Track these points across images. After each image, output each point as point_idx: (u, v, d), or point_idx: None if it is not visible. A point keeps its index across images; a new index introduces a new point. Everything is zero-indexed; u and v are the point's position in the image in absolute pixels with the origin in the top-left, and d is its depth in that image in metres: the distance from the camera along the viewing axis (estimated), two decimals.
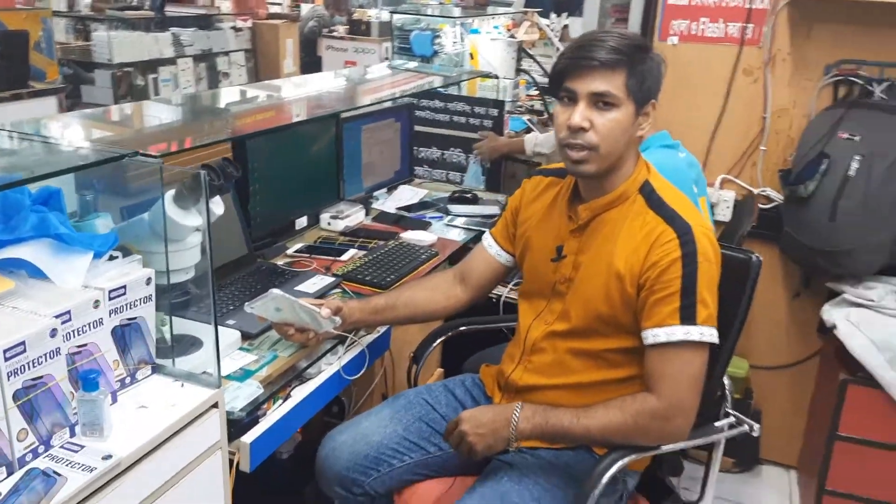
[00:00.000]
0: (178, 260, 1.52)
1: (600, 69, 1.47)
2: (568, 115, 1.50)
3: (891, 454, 2.35)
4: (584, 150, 1.50)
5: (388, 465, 1.70)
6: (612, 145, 1.51)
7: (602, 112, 1.49)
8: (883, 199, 2.24)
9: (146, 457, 1.27)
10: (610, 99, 1.48)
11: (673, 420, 1.50)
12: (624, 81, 1.48)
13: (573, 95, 1.50)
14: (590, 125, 1.49)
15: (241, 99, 2.52)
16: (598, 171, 1.53)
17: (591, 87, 1.48)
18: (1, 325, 1.14)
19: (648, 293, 1.50)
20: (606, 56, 1.46)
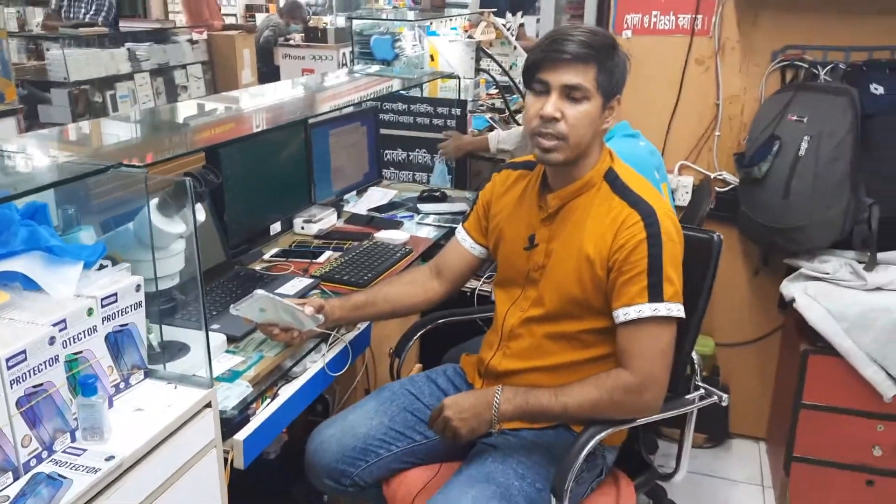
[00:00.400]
0: (163, 267, 1.56)
1: (573, 63, 1.55)
2: (540, 105, 1.58)
3: (852, 418, 2.46)
4: (554, 139, 1.58)
5: (375, 455, 1.77)
6: (581, 136, 1.59)
7: (573, 104, 1.57)
8: (831, 176, 2.35)
9: (146, 457, 1.31)
10: (581, 92, 1.56)
11: (645, 393, 1.58)
12: (595, 76, 1.56)
13: (546, 87, 1.57)
14: (561, 116, 1.56)
15: (207, 111, 2.57)
16: (565, 159, 1.61)
17: (564, 80, 1.55)
18: (1, 336, 1.18)
19: (617, 274, 1.58)
20: (579, 50, 1.54)
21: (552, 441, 1.70)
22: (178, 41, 6.85)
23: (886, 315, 2.31)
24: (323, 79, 3.52)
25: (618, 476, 1.81)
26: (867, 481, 2.50)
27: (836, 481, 2.53)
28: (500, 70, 4.16)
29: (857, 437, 2.47)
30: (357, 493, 1.82)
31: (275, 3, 9.64)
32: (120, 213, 1.62)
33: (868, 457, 2.48)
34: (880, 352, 2.34)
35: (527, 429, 1.71)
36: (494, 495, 1.55)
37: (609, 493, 1.76)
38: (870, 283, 2.37)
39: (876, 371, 2.36)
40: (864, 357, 2.36)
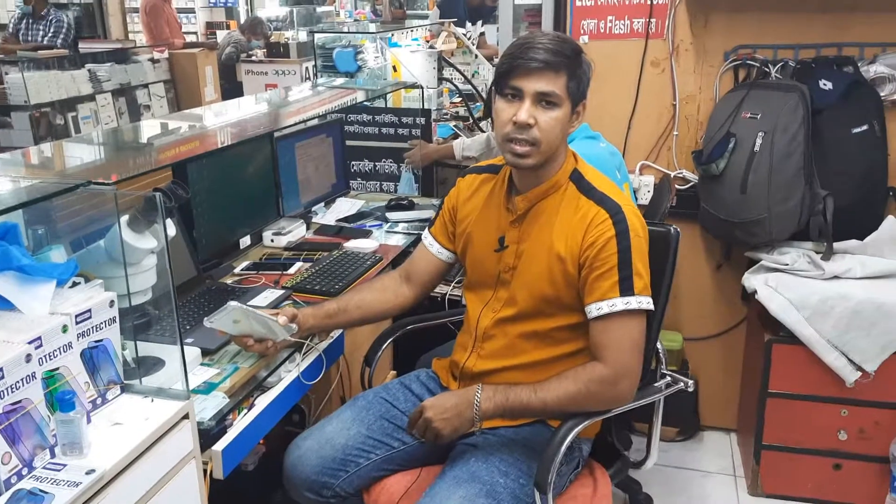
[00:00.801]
0: (135, 283, 1.58)
1: (545, 70, 1.59)
2: (513, 112, 1.62)
3: (817, 404, 2.53)
4: (527, 144, 1.62)
5: (355, 464, 1.78)
6: (552, 141, 1.64)
7: (545, 110, 1.61)
8: (786, 170, 2.42)
9: (126, 469, 1.33)
10: (553, 98, 1.61)
11: (620, 383, 1.63)
12: (565, 83, 1.61)
13: (519, 93, 1.61)
14: (534, 122, 1.61)
15: (172, 128, 2.58)
16: (536, 163, 1.66)
17: (537, 87, 1.60)
18: None
19: (589, 271, 1.64)
20: (552, 58, 1.59)
21: (530, 437, 1.74)
22: (140, 61, 6.83)
23: (844, 303, 2.39)
24: (287, 93, 3.54)
25: (593, 467, 1.86)
26: (834, 465, 2.58)
27: (804, 466, 2.60)
28: (462, 79, 4.22)
29: (823, 423, 2.55)
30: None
31: (235, 20, 9.64)
32: (89, 232, 1.63)
33: (834, 441, 2.55)
34: (840, 338, 2.41)
35: (505, 427, 1.75)
36: (481, 493, 1.58)
37: (587, 483, 1.81)
38: (827, 272, 2.45)
39: (837, 357, 2.43)
40: (826, 344, 2.43)
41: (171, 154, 1.92)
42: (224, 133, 2.43)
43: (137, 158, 2.08)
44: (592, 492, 1.79)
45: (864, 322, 2.38)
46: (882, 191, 2.54)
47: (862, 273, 2.44)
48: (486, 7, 5.96)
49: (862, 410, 2.51)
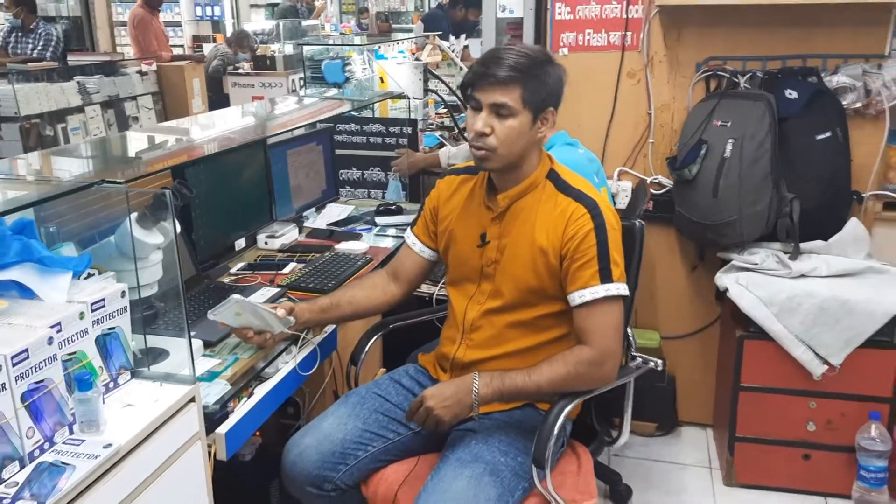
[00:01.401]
0: (142, 277, 1.68)
1: (497, 84, 1.73)
2: (474, 121, 1.76)
3: (787, 397, 2.66)
4: (485, 150, 1.77)
5: (354, 457, 1.87)
6: (510, 148, 1.77)
7: (501, 120, 1.75)
8: (755, 175, 2.56)
9: (139, 446, 1.43)
10: (507, 110, 1.74)
11: (605, 364, 1.77)
12: (520, 94, 1.73)
13: (478, 104, 1.76)
14: (491, 130, 1.74)
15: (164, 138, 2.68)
16: (498, 167, 1.80)
17: (492, 99, 1.74)
18: (4, 337, 1.30)
19: (570, 262, 1.77)
20: (504, 74, 1.72)
21: (522, 419, 1.87)
22: (128, 73, 6.91)
23: (810, 299, 2.52)
24: (276, 103, 3.65)
25: (575, 445, 1.98)
26: (804, 455, 2.70)
27: (776, 457, 2.73)
28: (447, 90, 4.34)
29: (793, 415, 2.67)
30: (338, 497, 1.90)
31: (222, 33, 9.74)
32: (97, 231, 1.74)
33: (803, 432, 2.67)
34: (807, 333, 2.54)
35: (499, 411, 1.87)
36: (485, 472, 1.71)
37: (571, 460, 1.94)
38: (794, 270, 2.58)
39: (805, 351, 2.56)
40: (793, 339, 2.56)
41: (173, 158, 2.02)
42: (220, 140, 2.54)
43: (141, 161, 2.18)
44: (577, 467, 1.92)
45: (830, 318, 2.51)
46: (845, 194, 2.68)
47: (827, 272, 2.57)
48: (469, 22, 6.11)
49: (829, 402, 2.63)
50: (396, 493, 1.85)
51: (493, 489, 1.68)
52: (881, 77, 2.60)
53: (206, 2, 10.52)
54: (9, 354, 1.26)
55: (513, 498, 1.73)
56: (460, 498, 1.64)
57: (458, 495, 1.65)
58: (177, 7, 10.48)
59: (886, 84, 2.58)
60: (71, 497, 1.28)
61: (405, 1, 10.04)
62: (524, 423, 1.86)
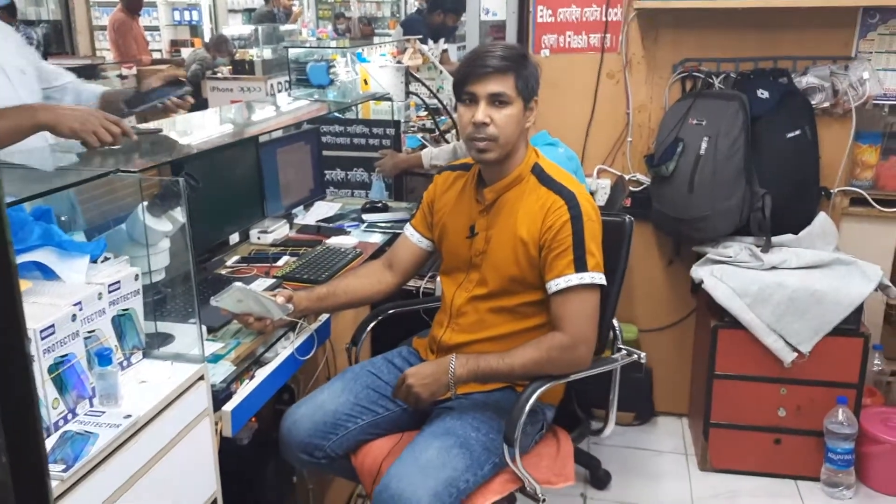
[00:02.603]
0: (152, 263, 1.77)
1: (494, 74, 1.83)
2: (472, 114, 1.85)
3: (759, 384, 2.78)
4: (486, 140, 1.85)
5: (344, 428, 1.98)
6: (509, 135, 1.87)
7: (499, 109, 1.85)
8: (728, 171, 2.68)
9: (154, 419, 1.51)
10: (504, 98, 1.84)
11: (577, 349, 1.86)
12: (514, 83, 1.84)
13: (474, 97, 1.85)
14: (490, 120, 1.84)
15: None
16: (498, 157, 1.89)
17: (489, 89, 1.83)
18: (31, 314, 1.37)
19: (548, 252, 1.86)
20: (499, 63, 1.83)
21: (500, 400, 1.96)
22: (108, 76, 6.94)
23: (781, 290, 2.65)
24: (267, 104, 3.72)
25: (556, 431, 2.07)
26: (775, 440, 2.83)
27: (748, 442, 2.85)
28: (428, 93, 4.43)
29: (764, 401, 2.80)
30: (328, 465, 2.02)
31: (200, 38, 9.77)
32: (107, 220, 1.82)
33: (774, 418, 2.80)
34: (778, 323, 2.67)
35: (477, 391, 1.96)
36: (455, 444, 1.79)
37: (550, 444, 2.03)
38: (766, 263, 2.71)
39: (776, 340, 2.69)
40: (765, 328, 2.68)
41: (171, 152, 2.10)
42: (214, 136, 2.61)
43: (138, 155, 2.25)
44: (556, 451, 2.01)
45: (799, 307, 2.64)
46: (814, 190, 2.82)
47: (797, 263, 2.70)
48: (446, 27, 6.21)
49: (799, 389, 2.76)
50: (381, 465, 1.93)
51: (461, 460, 1.78)
52: (847, 77, 2.75)
53: (183, 6, 10.55)
54: (38, 329, 1.34)
55: (482, 471, 1.82)
56: (428, 465, 1.74)
57: (427, 463, 1.75)
58: (155, 12, 10.49)
59: (853, 84, 2.72)
60: (94, 463, 1.36)
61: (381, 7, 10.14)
62: (501, 403, 1.95)
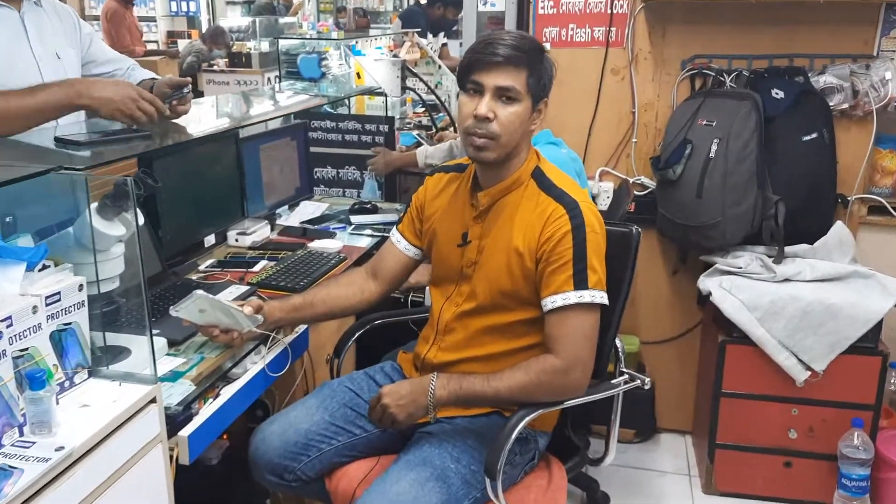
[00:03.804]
0: (103, 270, 1.59)
1: (505, 65, 1.64)
2: (474, 106, 1.66)
3: (769, 404, 2.61)
4: (486, 138, 1.67)
5: (317, 449, 1.81)
6: (511, 136, 1.68)
7: (505, 105, 1.66)
8: (740, 175, 2.51)
9: (94, 449, 1.33)
10: (512, 94, 1.65)
11: (571, 373, 1.67)
12: (525, 79, 1.66)
13: (480, 88, 1.66)
14: (493, 116, 1.65)
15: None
16: (496, 158, 1.71)
17: (497, 82, 1.65)
18: None
19: (545, 265, 1.68)
20: (512, 53, 1.64)
21: (485, 426, 1.78)
22: None
23: (794, 304, 2.47)
24: (250, 96, 3.56)
25: (550, 460, 1.89)
26: (785, 463, 2.65)
27: (756, 465, 2.68)
28: (425, 89, 4.27)
29: (774, 422, 2.62)
30: (300, 488, 1.86)
31: (197, 29, 9.60)
32: (57, 221, 1.64)
33: (785, 439, 2.63)
34: (791, 339, 2.50)
35: (461, 416, 1.79)
36: (431, 477, 1.62)
37: (542, 475, 1.84)
38: (779, 274, 2.53)
39: (787, 357, 2.51)
40: (777, 344, 2.51)
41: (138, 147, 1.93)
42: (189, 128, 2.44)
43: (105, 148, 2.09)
44: (547, 483, 1.83)
45: (814, 322, 2.47)
46: (830, 197, 2.65)
47: (811, 276, 2.53)
48: (447, 20, 6.04)
49: (811, 409, 2.59)
50: (354, 491, 1.78)
51: (436, 495, 1.60)
52: (869, 77, 2.57)
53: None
54: None
55: None
56: (399, 500, 1.57)
57: (397, 497, 1.58)
58: (151, 2, 10.31)
59: (874, 85, 2.55)
60: (18, 503, 1.18)
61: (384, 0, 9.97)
62: (486, 430, 1.77)
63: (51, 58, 2.08)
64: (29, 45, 2.04)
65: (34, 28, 2.06)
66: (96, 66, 2.30)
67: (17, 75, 1.95)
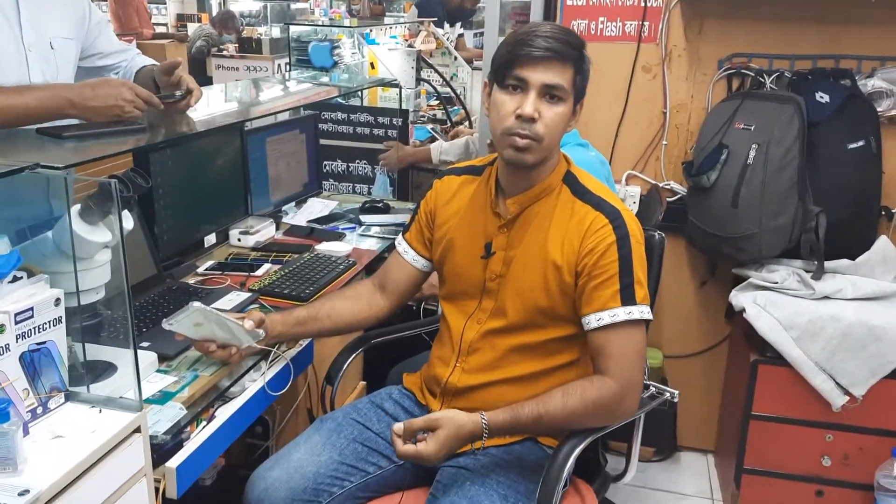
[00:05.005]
0: (86, 280, 1.44)
1: (554, 61, 1.48)
2: (517, 104, 1.50)
3: (802, 429, 2.45)
4: (529, 139, 1.51)
5: (328, 494, 1.62)
6: (554, 139, 1.54)
7: (550, 105, 1.50)
8: (779, 185, 2.33)
9: (67, 489, 1.19)
10: (559, 92, 1.50)
11: (627, 398, 1.54)
12: (572, 76, 1.51)
13: (524, 84, 1.50)
14: (538, 116, 1.49)
15: None
16: (535, 161, 1.55)
17: (545, 79, 1.48)
18: None
19: (588, 279, 1.53)
20: (560, 48, 1.48)
21: (523, 455, 1.63)
22: None
23: (834, 324, 2.30)
24: (258, 84, 3.39)
25: (577, 484, 1.74)
26: (817, 492, 2.49)
27: (786, 492, 2.51)
28: (440, 81, 4.10)
29: (807, 448, 2.46)
30: None
31: (207, 12, 9.44)
32: (38, 222, 1.48)
33: (818, 467, 2.46)
34: (829, 361, 2.33)
35: (495, 446, 1.63)
36: None
37: (574, 501, 1.69)
38: (818, 292, 2.36)
39: (825, 380, 2.35)
40: (813, 366, 2.34)
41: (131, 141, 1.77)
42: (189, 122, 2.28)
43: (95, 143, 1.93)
44: None
45: (854, 345, 2.30)
46: (875, 209, 2.47)
47: (853, 294, 2.36)
48: (464, 10, 5.86)
49: (847, 436, 2.42)
50: None
51: None
52: None
53: None
54: None
55: None
56: None
57: None
58: None
59: None
60: None
61: None
62: (525, 460, 1.62)
63: (42, 48, 1.91)
64: (20, 31, 1.86)
65: (29, 12, 1.88)
66: (101, 58, 2.14)
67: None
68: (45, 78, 1.89)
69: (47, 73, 1.90)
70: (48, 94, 1.75)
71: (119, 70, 2.15)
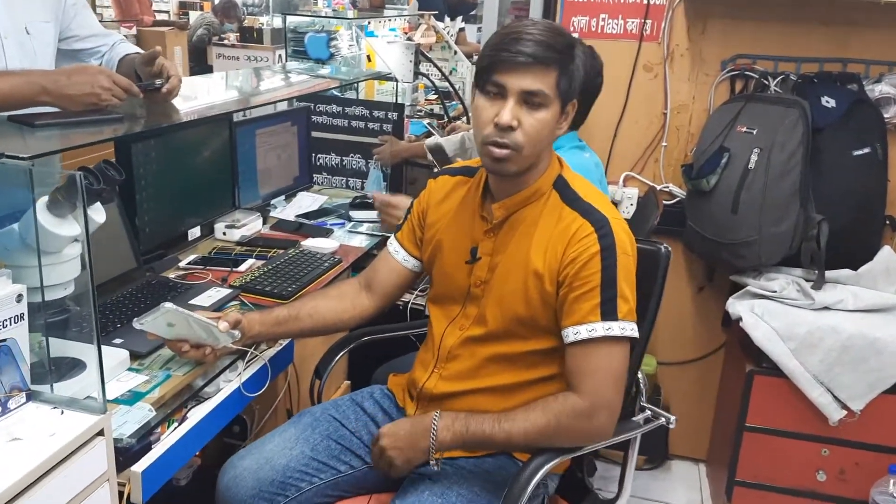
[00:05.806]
0: (53, 274, 1.37)
1: (534, 66, 1.40)
2: (496, 112, 1.42)
3: (797, 442, 2.40)
4: (507, 149, 1.43)
5: (296, 489, 1.58)
6: (536, 146, 1.45)
7: (531, 111, 1.42)
8: (781, 190, 2.28)
9: (22, 494, 1.13)
10: (540, 98, 1.41)
11: (596, 417, 1.45)
12: (555, 81, 1.42)
13: (502, 90, 1.42)
14: (517, 124, 1.42)
15: None
16: (517, 171, 1.48)
17: (524, 85, 1.40)
18: None
19: (568, 290, 1.46)
20: (542, 52, 1.39)
21: (492, 470, 1.56)
22: None
23: (833, 336, 2.25)
24: (251, 74, 3.33)
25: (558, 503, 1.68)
26: None
27: None
28: (439, 75, 4.03)
29: (802, 462, 2.41)
30: None
31: (209, 1, 9.35)
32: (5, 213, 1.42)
33: (812, 482, 2.41)
34: (827, 374, 2.27)
35: (464, 457, 1.56)
36: None
37: None
38: (817, 302, 2.30)
39: (822, 393, 2.29)
40: (811, 379, 2.29)
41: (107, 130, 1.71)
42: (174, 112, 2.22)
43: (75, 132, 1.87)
44: None
45: (854, 358, 2.24)
46: (879, 218, 2.42)
47: (854, 305, 2.30)
48: (466, 4, 5.80)
49: (843, 451, 2.37)
50: None
51: None
52: None
53: None
54: None
55: None
56: None
57: None
58: None
59: None
60: None
61: None
62: (494, 475, 1.55)
63: (18, 34, 1.86)
64: None
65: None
66: (78, 41, 2.10)
67: None
68: (23, 65, 1.84)
69: (24, 60, 1.85)
70: (23, 80, 1.69)
71: (99, 55, 2.09)
